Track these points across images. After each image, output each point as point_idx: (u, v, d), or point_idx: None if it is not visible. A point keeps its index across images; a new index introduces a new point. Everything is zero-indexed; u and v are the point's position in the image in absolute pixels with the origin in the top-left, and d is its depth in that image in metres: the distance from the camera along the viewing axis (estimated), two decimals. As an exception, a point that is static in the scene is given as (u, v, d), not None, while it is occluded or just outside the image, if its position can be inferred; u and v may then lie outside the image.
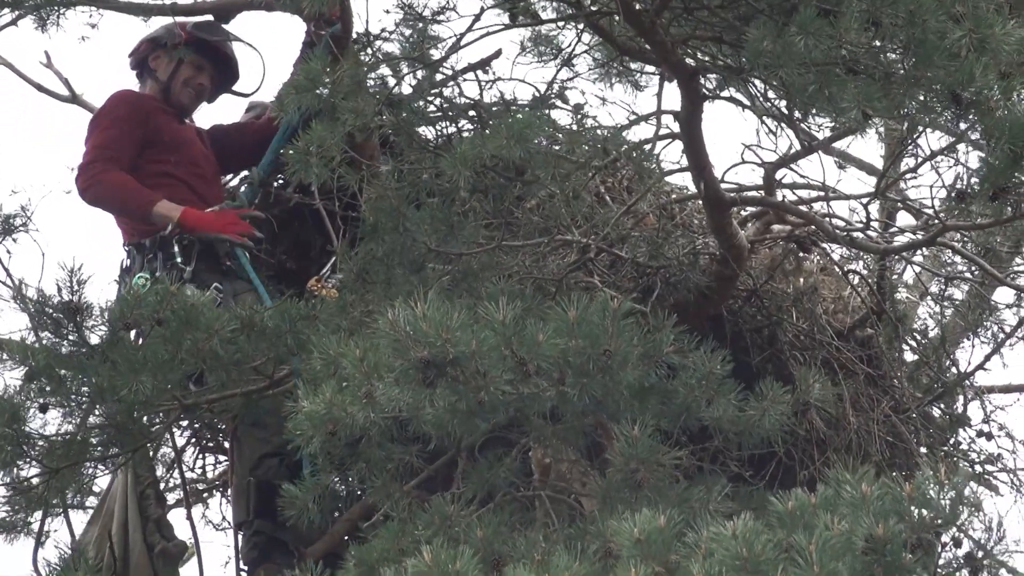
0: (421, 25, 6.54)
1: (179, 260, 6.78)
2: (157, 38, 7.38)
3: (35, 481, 5.60)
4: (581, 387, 4.61)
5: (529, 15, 6.43)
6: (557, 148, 6.07)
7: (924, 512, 3.93)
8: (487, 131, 5.36)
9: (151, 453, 6.67)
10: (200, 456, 8.08)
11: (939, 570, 3.99)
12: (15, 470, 5.54)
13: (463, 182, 5.26)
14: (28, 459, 5.51)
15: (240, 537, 6.75)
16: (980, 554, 3.96)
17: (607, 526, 4.46)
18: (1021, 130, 4.56)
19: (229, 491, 7.14)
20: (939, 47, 4.64)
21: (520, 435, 5.57)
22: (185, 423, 7.55)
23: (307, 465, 5.80)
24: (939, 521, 3.93)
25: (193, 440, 7.97)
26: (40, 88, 9.66)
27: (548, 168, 5.54)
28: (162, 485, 7.02)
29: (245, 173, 7.57)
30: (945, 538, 4.01)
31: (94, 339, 5.33)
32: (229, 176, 7.72)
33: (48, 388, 5.34)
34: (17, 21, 7.17)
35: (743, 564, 3.81)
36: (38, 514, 5.89)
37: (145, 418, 5.89)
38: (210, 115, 8.61)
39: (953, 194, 5.06)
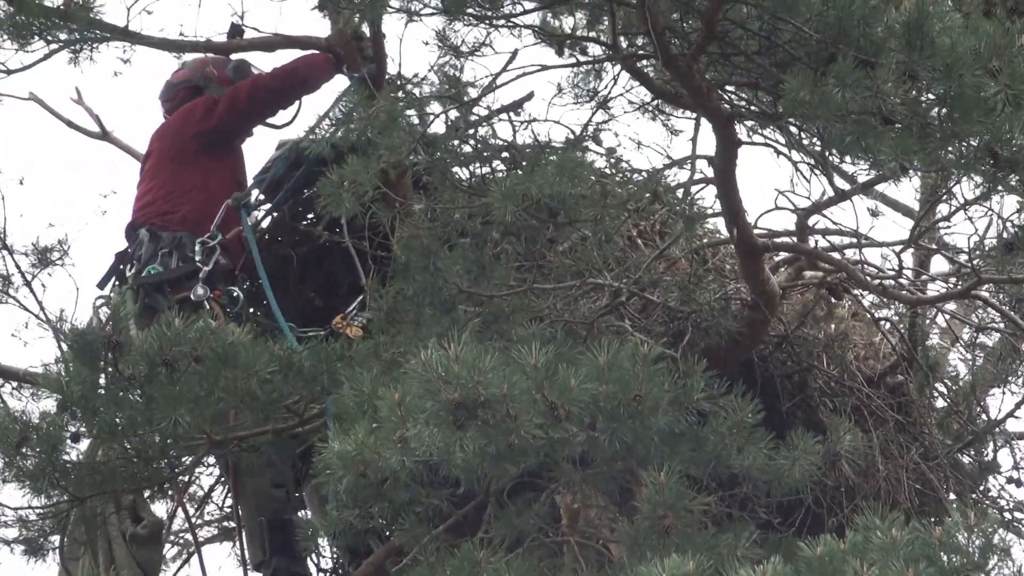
0: (456, 62, 6.56)
1: (198, 260, 6.83)
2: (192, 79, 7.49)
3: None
4: (612, 432, 4.58)
5: (577, 49, 6.42)
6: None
7: (954, 557, 3.92)
8: (532, 169, 5.33)
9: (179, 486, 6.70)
10: (230, 495, 8.05)
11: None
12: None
13: (508, 217, 5.24)
14: (58, 487, 5.53)
15: (260, 577, 6.77)
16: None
17: (636, 572, 4.42)
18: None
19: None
20: (976, 101, 4.62)
21: (549, 480, 5.55)
22: (212, 461, 7.55)
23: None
24: (968, 567, 3.91)
25: (222, 479, 7.96)
26: (71, 124, 9.65)
27: (594, 210, 5.52)
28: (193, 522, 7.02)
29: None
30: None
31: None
32: None
33: (81, 417, 5.34)
34: (51, 55, 7.21)
35: (773, 609, 3.79)
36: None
37: (172, 453, 5.88)
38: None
39: (1000, 245, 5.03)
